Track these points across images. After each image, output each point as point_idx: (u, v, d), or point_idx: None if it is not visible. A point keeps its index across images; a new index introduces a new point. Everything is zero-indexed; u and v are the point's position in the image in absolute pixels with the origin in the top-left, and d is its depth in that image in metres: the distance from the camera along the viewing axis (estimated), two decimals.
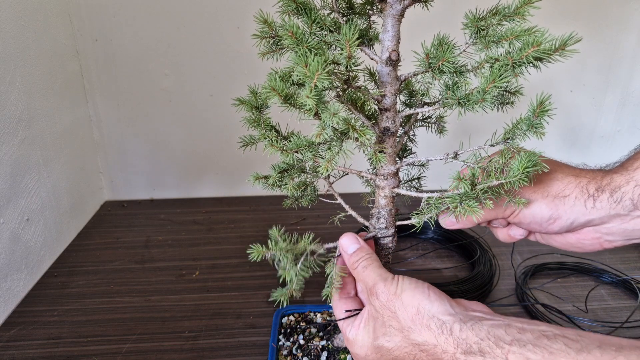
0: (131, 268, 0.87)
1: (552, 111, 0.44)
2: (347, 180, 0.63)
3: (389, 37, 0.46)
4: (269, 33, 0.47)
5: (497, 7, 0.44)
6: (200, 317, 0.73)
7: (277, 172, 0.53)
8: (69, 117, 0.97)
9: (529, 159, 0.42)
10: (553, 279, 0.81)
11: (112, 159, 1.13)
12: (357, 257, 0.48)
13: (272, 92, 0.42)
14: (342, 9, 0.49)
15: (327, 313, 0.67)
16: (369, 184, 0.59)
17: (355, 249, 0.49)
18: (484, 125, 0.76)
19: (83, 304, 0.76)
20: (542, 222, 0.49)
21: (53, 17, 0.91)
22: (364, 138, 0.42)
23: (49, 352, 0.66)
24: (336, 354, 0.60)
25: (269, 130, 0.51)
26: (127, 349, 0.66)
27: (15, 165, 0.79)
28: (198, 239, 0.97)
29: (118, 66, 1.04)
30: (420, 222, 0.50)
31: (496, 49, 0.43)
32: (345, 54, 0.42)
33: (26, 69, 0.82)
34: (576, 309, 0.74)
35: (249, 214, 1.09)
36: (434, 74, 0.45)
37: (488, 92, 0.42)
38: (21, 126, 0.80)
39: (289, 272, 0.48)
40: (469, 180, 0.44)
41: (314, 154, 0.46)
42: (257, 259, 0.46)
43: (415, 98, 0.57)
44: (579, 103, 1.17)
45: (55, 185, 0.91)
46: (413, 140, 0.60)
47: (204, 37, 1.02)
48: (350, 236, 0.50)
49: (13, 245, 0.77)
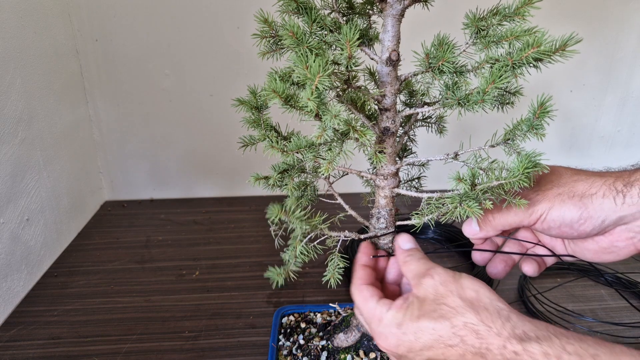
0: (131, 268, 0.87)
1: (552, 112, 0.44)
2: (347, 180, 0.63)
3: (389, 37, 0.46)
4: (269, 33, 0.47)
5: (497, 7, 0.44)
6: (200, 317, 0.73)
7: (277, 173, 0.53)
8: (69, 117, 0.97)
9: (529, 159, 0.42)
10: (553, 279, 0.81)
11: (112, 159, 1.13)
12: (413, 251, 0.50)
13: (272, 94, 0.42)
14: (342, 9, 0.49)
15: (327, 313, 0.67)
16: (369, 184, 0.59)
17: (412, 246, 0.52)
18: (484, 125, 0.76)
19: (83, 304, 0.76)
20: (573, 223, 0.47)
21: (53, 17, 0.91)
22: (364, 138, 0.42)
23: (49, 352, 0.66)
24: (336, 354, 0.60)
25: (269, 130, 0.51)
26: (127, 349, 0.66)
27: (15, 165, 0.79)
28: (198, 239, 0.97)
29: (118, 66, 1.04)
30: (420, 222, 0.50)
31: (496, 49, 0.43)
32: (345, 54, 0.42)
33: (26, 69, 0.82)
34: (576, 309, 0.74)
35: (249, 214, 1.09)
36: (434, 74, 0.45)
37: (488, 93, 0.42)
38: (21, 126, 0.80)
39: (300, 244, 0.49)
40: (469, 180, 0.44)
41: (314, 155, 0.46)
42: (274, 219, 0.47)
43: (415, 98, 0.57)
44: (579, 103, 1.17)
45: (55, 185, 0.91)
46: (413, 140, 0.60)
47: (204, 37, 1.02)
48: (409, 236, 0.53)
49: (13, 245, 0.77)
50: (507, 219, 0.49)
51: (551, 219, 0.47)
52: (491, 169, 0.46)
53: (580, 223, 0.47)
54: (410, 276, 0.48)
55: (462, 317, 0.41)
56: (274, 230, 0.51)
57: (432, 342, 0.42)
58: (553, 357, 0.37)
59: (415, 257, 0.49)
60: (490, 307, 0.42)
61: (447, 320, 0.41)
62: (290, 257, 0.50)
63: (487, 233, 0.51)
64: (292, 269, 0.50)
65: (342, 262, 0.51)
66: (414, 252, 0.50)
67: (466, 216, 0.45)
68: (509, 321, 0.40)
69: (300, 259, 0.50)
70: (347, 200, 0.57)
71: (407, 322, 0.43)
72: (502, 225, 0.50)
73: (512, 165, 0.43)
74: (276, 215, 0.47)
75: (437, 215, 0.49)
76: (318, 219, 0.50)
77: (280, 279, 0.50)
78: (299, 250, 0.49)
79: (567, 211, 0.47)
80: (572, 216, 0.47)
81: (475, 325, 0.40)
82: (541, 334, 0.39)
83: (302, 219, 0.47)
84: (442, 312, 0.42)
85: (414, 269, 0.48)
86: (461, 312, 0.41)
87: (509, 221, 0.49)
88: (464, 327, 0.41)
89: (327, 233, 0.51)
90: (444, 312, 0.42)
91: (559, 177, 0.49)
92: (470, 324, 0.41)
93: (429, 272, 0.46)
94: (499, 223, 0.50)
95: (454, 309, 0.42)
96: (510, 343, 0.39)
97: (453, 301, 0.42)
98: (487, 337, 0.40)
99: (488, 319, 0.40)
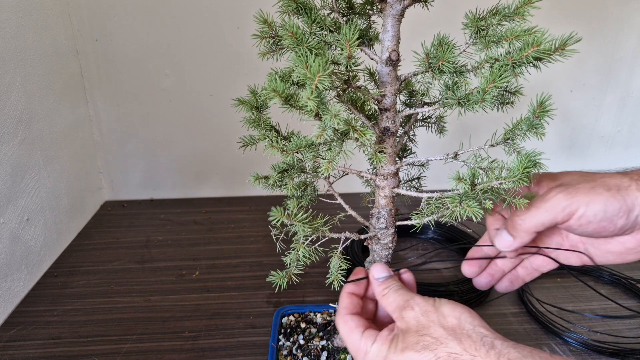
0: (131, 268, 0.87)
1: (552, 111, 0.44)
2: (347, 180, 0.63)
3: (389, 37, 0.46)
4: (269, 33, 0.47)
5: (497, 7, 0.44)
6: (200, 317, 0.73)
7: (277, 173, 0.53)
8: (69, 117, 0.97)
9: (528, 158, 0.42)
10: (553, 279, 0.81)
11: (112, 159, 1.13)
12: (389, 283, 0.49)
13: (272, 94, 0.42)
14: (342, 9, 0.49)
15: (327, 313, 0.67)
16: (369, 184, 0.59)
17: (387, 277, 0.50)
18: (484, 125, 0.76)
19: (83, 304, 0.76)
20: (613, 216, 0.45)
21: (53, 17, 0.91)
22: (364, 138, 0.42)
23: (49, 352, 0.66)
24: (336, 354, 0.60)
25: (269, 130, 0.51)
26: (127, 349, 0.66)
27: (15, 165, 0.79)
28: (198, 239, 0.97)
29: (118, 66, 1.04)
30: (420, 223, 0.50)
31: (496, 49, 0.43)
32: (345, 54, 0.42)
33: (26, 69, 0.82)
34: (576, 309, 0.74)
35: (249, 214, 1.09)
36: (434, 74, 0.45)
37: (488, 92, 0.42)
38: (21, 126, 0.80)
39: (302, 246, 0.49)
40: (469, 180, 0.44)
41: (314, 155, 0.46)
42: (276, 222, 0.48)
43: (415, 98, 0.57)
44: (579, 103, 1.17)
45: (55, 185, 0.91)
46: (413, 140, 0.60)
47: (204, 37, 1.02)
48: (383, 265, 0.51)
49: (13, 245, 0.77)
50: (538, 219, 0.46)
51: (592, 213, 0.45)
52: (491, 168, 0.46)
53: (620, 215, 0.45)
54: (391, 309, 0.47)
55: (445, 348, 0.41)
56: (275, 234, 0.51)
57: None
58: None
59: (392, 289, 0.48)
60: (473, 334, 0.41)
61: (431, 352, 0.41)
62: (292, 260, 0.50)
63: (522, 239, 0.48)
64: (294, 272, 0.50)
65: (344, 263, 0.51)
66: (391, 283, 0.49)
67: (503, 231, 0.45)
68: (493, 348, 0.39)
69: (302, 262, 0.50)
70: (347, 200, 0.57)
71: (392, 356, 0.43)
72: (534, 226, 0.47)
73: (512, 165, 0.44)
74: (279, 219, 0.47)
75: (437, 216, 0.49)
76: (320, 222, 0.50)
77: (283, 283, 0.50)
78: (302, 254, 0.49)
79: (609, 204, 0.44)
80: (613, 208, 0.44)
81: (459, 354, 0.40)
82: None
83: (305, 222, 0.47)
84: (425, 343, 0.42)
85: (392, 301, 0.47)
86: (444, 342, 0.41)
87: (541, 220, 0.46)
88: (447, 357, 0.40)
89: (329, 235, 0.51)
90: (427, 344, 0.42)
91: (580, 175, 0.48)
92: (454, 354, 0.40)
93: (409, 303, 0.45)
94: (530, 225, 0.47)
95: (437, 340, 0.41)
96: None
97: (435, 331, 0.42)
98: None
99: (472, 347, 0.40)
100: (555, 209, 0.45)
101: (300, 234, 0.49)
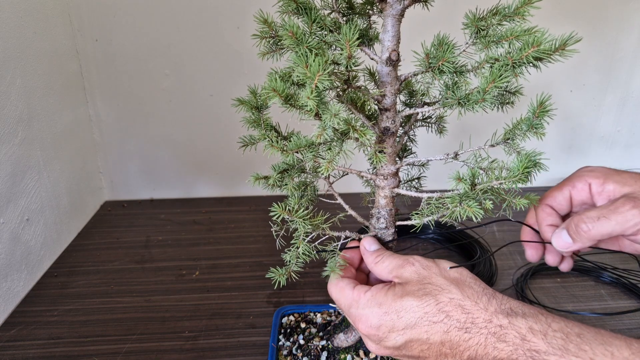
0: (131, 268, 0.87)
1: (552, 111, 0.44)
2: (347, 180, 0.63)
3: (389, 37, 0.46)
4: (269, 33, 0.47)
5: (497, 7, 0.44)
6: (200, 317, 0.73)
7: (277, 173, 0.53)
8: (69, 117, 0.97)
9: (529, 158, 0.42)
10: (553, 279, 0.81)
11: (112, 159, 1.13)
12: (381, 251, 0.50)
13: (272, 93, 0.42)
14: (342, 9, 0.49)
15: (327, 313, 0.67)
16: (369, 184, 0.59)
17: (378, 247, 0.51)
18: (484, 125, 0.76)
19: (83, 304, 0.76)
20: None
21: (53, 17, 0.91)
22: (364, 138, 0.42)
23: (49, 352, 0.66)
24: (336, 354, 0.60)
25: (269, 130, 0.51)
26: (127, 349, 0.66)
27: (15, 165, 0.79)
28: (198, 239, 0.97)
29: (118, 66, 1.04)
30: (420, 223, 0.50)
31: (496, 49, 0.43)
32: (345, 54, 0.42)
33: (26, 69, 0.82)
34: (576, 309, 0.74)
35: (249, 214, 1.09)
36: (434, 74, 0.45)
37: (488, 92, 0.42)
38: (21, 126, 0.80)
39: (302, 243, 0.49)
40: (469, 180, 0.44)
41: (314, 154, 0.46)
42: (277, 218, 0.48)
43: (415, 98, 0.57)
44: (579, 103, 1.17)
45: (55, 185, 0.91)
46: (413, 140, 0.60)
47: (204, 37, 1.02)
48: (372, 238, 0.53)
49: (13, 245, 0.77)
50: (606, 230, 0.44)
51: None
52: (491, 168, 0.46)
53: None
54: (387, 272, 0.47)
55: (447, 294, 0.41)
56: (276, 231, 0.51)
57: (417, 320, 0.41)
58: (538, 333, 0.37)
59: (386, 255, 0.49)
60: (474, 286, 0.42)
61: (433, 297, 0.41)
62: (292, 257, 0.50)
63: (583, 245, 0.47)
64: (294, 269, 0.50)
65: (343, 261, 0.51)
66: (383, 251, 0.50)
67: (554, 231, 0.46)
68: (494, 298, 0.41)
69: (302, 259, 0.50)
70: (347, 200, 0.57)
71: (389, 302, 0.43)
72: (600, 235, 0.45)
73: (512, 165, 0.44)
74: (280, 215, 0.47)
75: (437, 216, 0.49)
76: (320, 219, 0.50)
77: (283, 280, 0.50)
78: (302, 250, 0.49)
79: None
80: None
81: (461, 300, 0.40)
82: (527, 311, 0.39)
83: (305, 218, 0.48)
84: (426, 290, 0.42)
85: (388, 264, 0.47)
86: (447, 289, 0.41)
87: (609, 231, 0.44)
88: (449, 302, 0.41)
89: (329, 233, 0.51)
90: (429, 290, 0.42)
91: (631, 176, 0.47)
92: (456, 300, 0.41)
93: (408, 260, 0.46)
94: (596, 234, 0.45)
95: (439, 287, 0.42)
96: (496, 317, 0.39)
97: (437, 280, 0.43)
98: (474, 311, 0.40)
99: (474, 296, 0.41)
100: (627, 224, 0.44)
101: (300, 230, 0.49)
